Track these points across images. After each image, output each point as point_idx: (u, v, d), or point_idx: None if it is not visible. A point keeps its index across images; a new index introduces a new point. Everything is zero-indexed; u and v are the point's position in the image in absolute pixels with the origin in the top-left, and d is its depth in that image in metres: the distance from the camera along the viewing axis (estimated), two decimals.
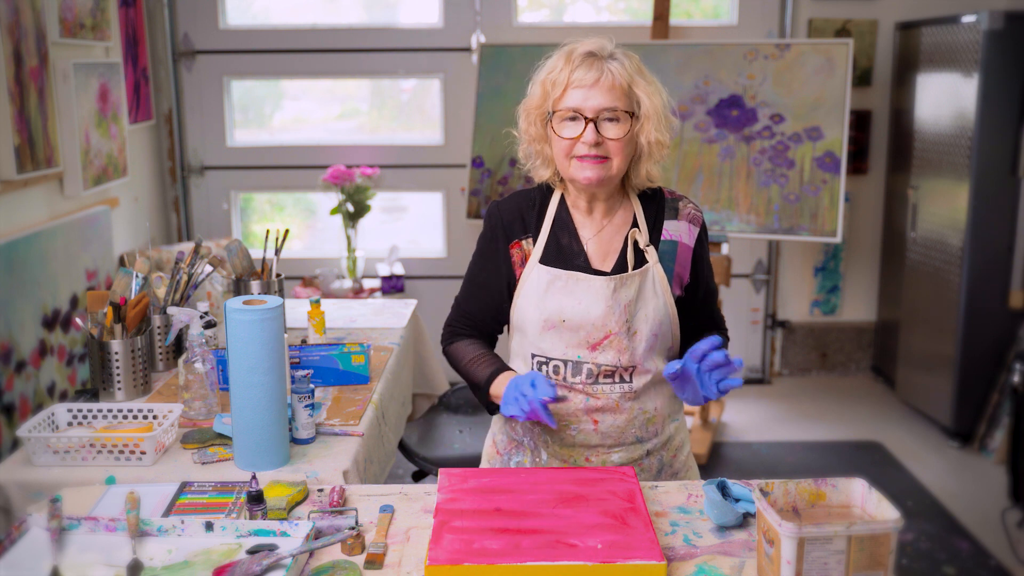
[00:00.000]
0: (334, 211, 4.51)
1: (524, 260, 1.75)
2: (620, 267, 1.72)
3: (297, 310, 2.98)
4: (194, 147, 4.74)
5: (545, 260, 1.73)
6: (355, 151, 4.72)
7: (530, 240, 1.75)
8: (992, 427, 4.02)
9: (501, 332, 1.88)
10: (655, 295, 1.72)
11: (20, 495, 1.83)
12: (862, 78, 4.72)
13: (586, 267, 1.72)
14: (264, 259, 2.69)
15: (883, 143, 4.81)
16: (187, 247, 4.04)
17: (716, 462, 3.96)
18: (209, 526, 1.51)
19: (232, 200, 4.83)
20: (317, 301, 2.64)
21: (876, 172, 4.86)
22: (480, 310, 1.83)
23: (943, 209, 4.20)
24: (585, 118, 1.62)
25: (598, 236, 1.74)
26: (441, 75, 4.70)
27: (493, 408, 1.78)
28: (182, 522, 1.52)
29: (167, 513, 1.64)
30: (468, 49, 4.65)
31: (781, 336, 4.99)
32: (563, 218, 1.75)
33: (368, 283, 4.56)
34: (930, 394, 4.33)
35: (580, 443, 1.76)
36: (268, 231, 2.80)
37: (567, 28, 4.76)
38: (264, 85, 4.93)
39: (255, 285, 2.61)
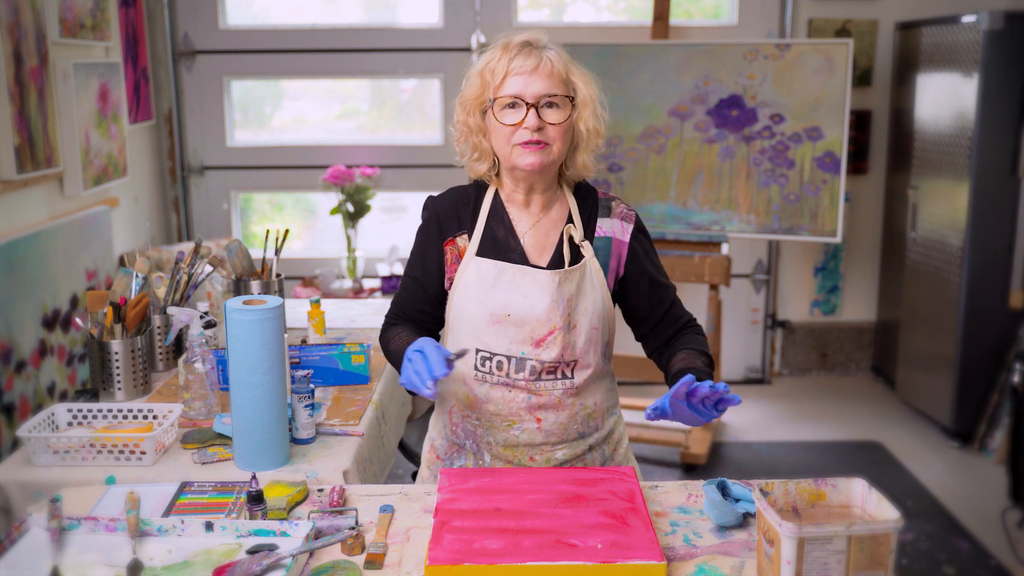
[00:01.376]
0: (334, 211, 4.51)
1: (458, 257, 1.75)
2: (556, 262, 1.73)
3: (297, 310, 2.98)
4: (194, 147, 4.74)
5: (481, 253, 1.73)
6: (355, 151, 4.72)
7: (465, 236, 1.75)
8: (992, 427, 4.02)
9: (439, 330, 1.85)
10: (593, 288, 1.73)
11: (20, 495, 1.83)
12: (862, 78, 4.72)
13: (522, 261, 1.72)
14: (264, 259, 2.69)
15: (883, 143, 4.81)
16: (187, 247, 4.04)
17: (716, 462, 3.96)
18: (209, 526, 1.51)
19: (232, 200, 4.83)
20: (317, 301, 2.64)
21: (876, 172, 4.86)
22: (414, 304, 1.81)
23: (943, 209, 4.20)
24: (527, 104, 1.64)
25: (534, 230, 1.75)
26: (441, 75, 4.70)
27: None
28: (182, 522, 1.52)
29: (167, 513, 1.64)
30: (468, 49, 4.65)
31: (781, 336, 4.99)
32: (498, 212, 1.76)
33: (368, 283, 4.56)
34: (930, 394, 4.33)
35: (524, 442, 1.75)
36: (268, 231, 2.80)
37: (567, 28, 4.77)
38: (264, 85, 4.93)
39: (255, 285, 2.62)
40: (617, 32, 4.71)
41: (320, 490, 1.72)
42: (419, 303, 1.81)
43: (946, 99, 4.17)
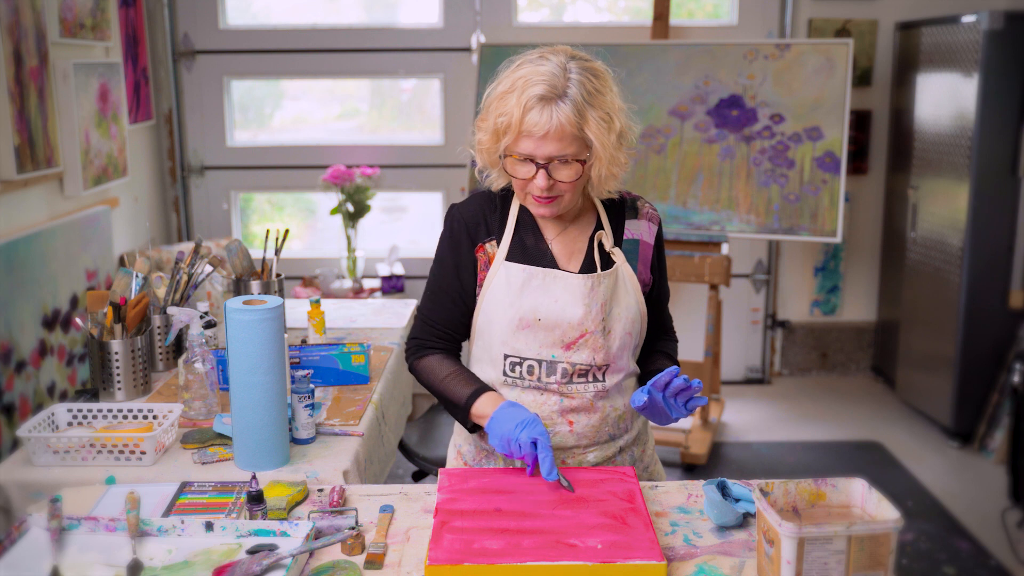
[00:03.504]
0: (334, 211, 4.51)
1: (488, 263, 1.73)
2: (587, 268, 1.72)
3: (297, 310, 2.98)
4: (194, 147, 4.74)
5: (511, 259, 1.72)
6: (355, 151, 4.72)
7: (494, 242, 1.73)
8: (992, 427, 4.02)
9: (464, 340, 1.83)
10: (627, 293, 1.73)
11: (20, 495, 1.83)
12: (862, 78, 4.72)
13: (552, 266, 1.72)
14: (264, 259, 2.69)
15: (883, 143, 4.81)
16: (187, 247, 4.04)
17: (716, 462, 3.96)
18: (209, 526, 1.51)
19: (232, 200, 4.83)
20: (317, 301, 2.64)
21: (876, 172, 4.86)
22: (448, 319, 1.77)
23: (943, 209, 4.20)
24: (536, 164, 1.61)
25: (562, 236, 1.74)
26: (441, 75, 4.70)
27: (474, 427, 1.74)
28: (182, 522, 1.52)
29: (167, 513, 1.64)
30: (468, 49, 4.65)
31: (781, 336, 4.99)
32: (526, 219, 1.75)
33: (368, 283, 4.55)
34: (930, 394, 4.33)
35: (556, 445, 1.74)
36: (268, 231, 2.80)
37: (567, 28, 4.77)
38: (264, 85, 4.93)
39: (255, 285, 2.62)
40: (617, 32, 4.71)
41: (320, 490, 1.72)
42: (456, 316, 1.77)
43: (946, 99, 4.17)
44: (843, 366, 5.04)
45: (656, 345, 1.85)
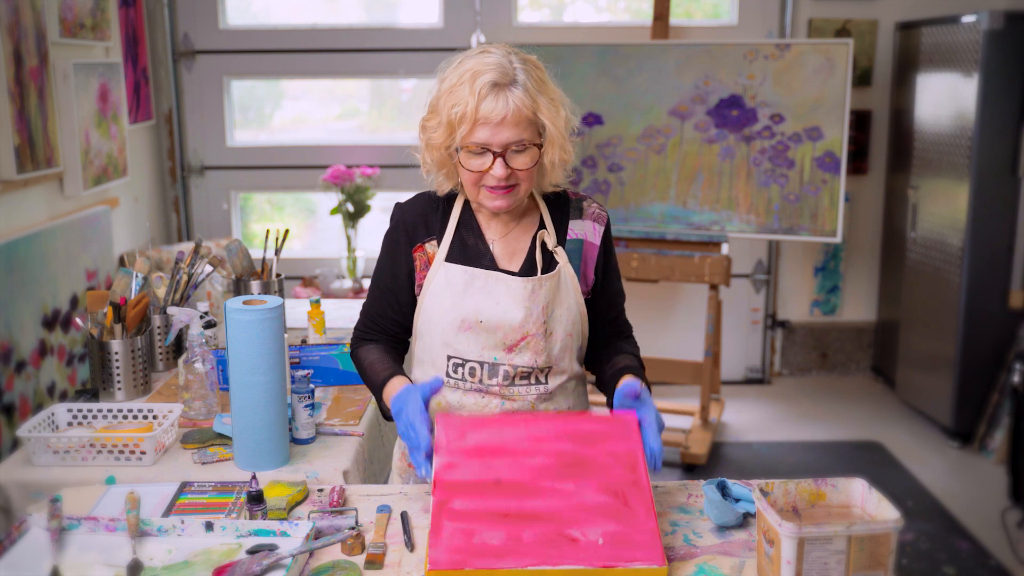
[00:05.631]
0: (334, 211, 4.51)
1: (428, 263, 1.72)
2: (528, 268, 1.71)
3: (297, 310, 2.98)
4: (194, 147, 4.74)
5: (450, 259, 1.71)
6: (355, 151, 4.72)
7: (434, 242, 1.73)
8: (992, 427, 4.02)
9: (409, 337, 1.83)
10: (567, 295, 1.72)
11: (20, 495, 1.83)
12: (862, 78, 4.72)
13: (492, 267, 1.71)
14: (264, 259, 2.69)
15: (883, 143, 4.81)
16: (187, 247, 4.04)
17: (716, 462, 3.96)
18: (209, 526, 1.51)
19: (232, 200, 4.83)
20: (317, 301, 2.64)
21: (876, 172, 4.86)
22: (384, 313, 1.78)
23: (943, 209, 4.20)
24: (493, 153, 1.61)
25: (504, 238, 1.73)
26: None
27: (389, 415, 1.73)
28: (182, 522, 1.52)
29: (167, 513, 1.64)
30: (468, 49, 4.64)
31: (781, 336, 4.99)
32: (468, 219, 1.74)
33: (368, 283, 4.55)
34: (930, 394, 4.33)
35: None
36: (268, 231, 2.80)
37: (567, 28, 4.77)
38: (264, 85, 4.93)
39: (255, 285, 2.62)
40: (617, 32, 4.71)
41: (320, 490, 1.72)
42: (390, 312, 1.78)
43: (946, 99, 4.17)
44: (843, 366, 5.04)
45: (617, 345, 1.81)
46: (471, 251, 1.72)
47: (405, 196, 1.85)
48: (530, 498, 1.46)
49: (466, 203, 1.75)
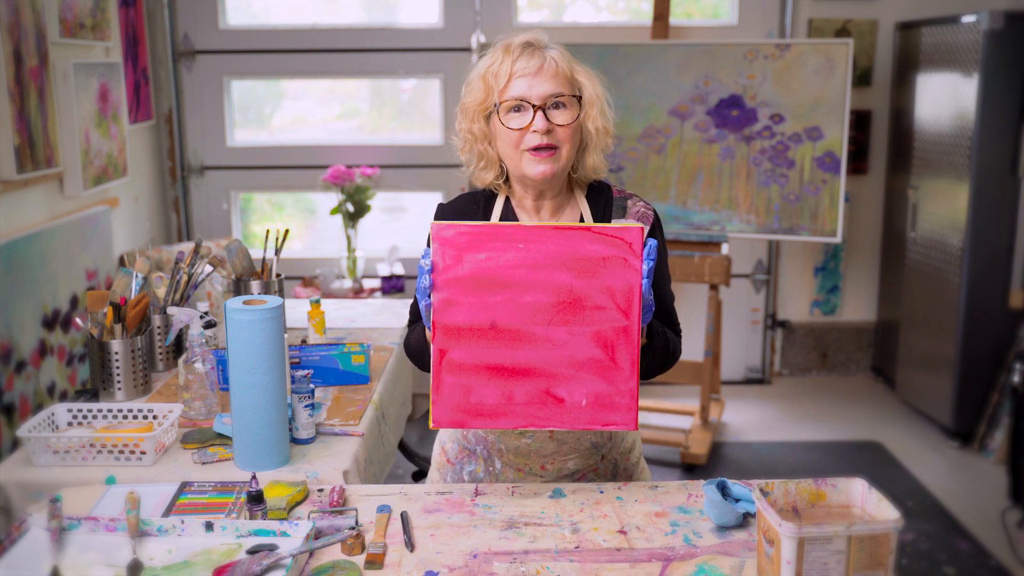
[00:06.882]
0: (334, 211, 4.51)
1: None
2: None
3: (297, 310, 2.98)
4: (194, 147, 4.74)
5: None
6: (355, 151, 4.72)
7: None
8: (992, 427, 4.02)
9: None
10: None
11: (20, 495, 1.83)
12: (862, 78, 4.72)
13: None
14: (264, 259, 2.69)
15: (883, 143, 4.81)
16: (187, 247, 4.04)
17: (716, 462, 3.96)
18: (209, 526, 1.51)
19: (232, 200, 4.83)
20: (317, 301, 2.64)
21: (876, 172, 4.86)
22: None
23: (943, 209, 4.20)
24: (533, 106, 1.61)
25: None
26: (441, 75, 4.70)
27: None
28: (182, 522, 1.52)
29: (167, 513, 1.64)
30: (468, 49, 4.65)
31: (781, 336, 4.99)
32: (508, 216, 1.74)
33: (368, 283, 4.55)
34: (930, 394, 4.33)
35: (535, 451, 1.74)
36: (268, 231, 2.80)
37: (567, 28, 4.77)
38: (264, 85, 4.93)
39: (255, 285, 2.62)
40: (617, 32, 4.71)
41: (320, 490, 1.72)
42: None
43: (946, 99, 4.17)
44: (843, 366, 5.04)
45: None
46: None
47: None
48: (523, 347, 1.53)
49: (507, 201, 1.75)
